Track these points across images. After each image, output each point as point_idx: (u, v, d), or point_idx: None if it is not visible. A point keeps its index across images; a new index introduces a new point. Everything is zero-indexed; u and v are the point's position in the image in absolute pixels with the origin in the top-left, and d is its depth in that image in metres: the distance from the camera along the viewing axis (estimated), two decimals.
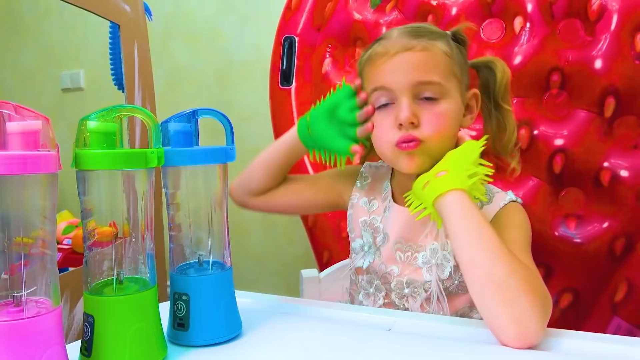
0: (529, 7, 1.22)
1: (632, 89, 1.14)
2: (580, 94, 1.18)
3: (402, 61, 0.73)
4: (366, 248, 0.84)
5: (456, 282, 0.77)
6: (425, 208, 0.72)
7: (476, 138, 0.75)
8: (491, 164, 0.72)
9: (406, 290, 0.79)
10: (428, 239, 0.79)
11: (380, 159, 0.82)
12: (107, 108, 0.53)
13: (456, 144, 0.77)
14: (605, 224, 1.16)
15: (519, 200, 0.80)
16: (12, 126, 0.47)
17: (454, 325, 0.68)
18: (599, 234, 1.16)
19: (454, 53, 0.76)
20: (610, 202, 1.16)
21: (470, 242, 0.65)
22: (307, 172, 1.37)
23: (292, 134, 0.85)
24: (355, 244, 0.87)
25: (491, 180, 0.71)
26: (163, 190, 0.63)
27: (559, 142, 1.18)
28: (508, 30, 1.25)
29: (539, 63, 1.20)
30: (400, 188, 0.84)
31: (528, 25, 1.22)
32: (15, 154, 0.46)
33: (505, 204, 0.77)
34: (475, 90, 0.81)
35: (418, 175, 0.74)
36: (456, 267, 0.76)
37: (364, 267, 0.84)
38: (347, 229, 0.89)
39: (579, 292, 1.19)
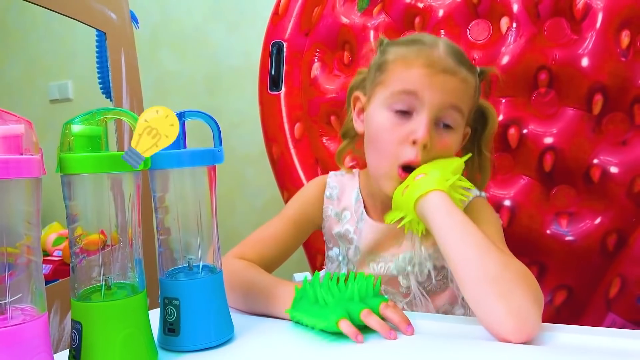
0: (515, 7, 1.22)
1: (619, 86, 1.14)
2: (568, 92, 1.19)
3: (445, 82, 0.72)
4: (341, 258, 0.85)
5: (434, 281, 0.77)
6: (404, 217, 0.72)
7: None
8: (469, 184, 0.73)
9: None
10: (402, 248, 0.79)
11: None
12: (92, 111, 0.53)
13: None
14: (597, 221, 1.16)
15: (484, 194, 0.80)
16: None
17: (448, 322, 0.67)
18: (591, 231, 1.16)
19: (478, 90, 0.79)
20: (601, 198, 1.16)
21: (459, 240, 0.65)
22: (299, 181, 1.36)
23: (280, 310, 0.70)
24: (332, 252, 0.87)
25: (470, 194, 0.71)
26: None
27: (548, 140, 1.18)
28: (495, 30, 1.26)
29: (526, 62, 1.20)
30: (371, 198, 0.84)
31: (514, 25, 1.23)
32: None
33: (471, 201, 0.77)
34: (469, 129, 0.81)
35: None
36: (434, 267, 0.77)
37: None
38: (324, 238, 0.88)
39: (573, 289, 1.19)
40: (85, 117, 0.52)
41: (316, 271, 0.70)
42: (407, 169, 0.73)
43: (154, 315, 0.60)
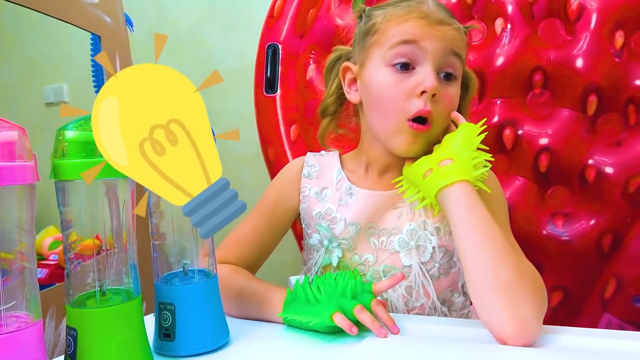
0: (509, 8, 1.23)
1: (613, 87, 1.15)
2: (563, 92, 1.19)
3: (442, 30, 0.72)
4: (326, 243, 0.80)
5: (437, 264, 0.75)
6: (424, 198, 0.71)
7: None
8: (488, 148, 0.70)
9: (383, 280, 0.75)
10: (403, 220, 0.76)
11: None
12: (86, 117, 0.53)
13: (447, 128, 0.75)
14: (592, 221, 1.16)
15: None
16: None
17: (448, 325, 0.68)
18: (587, 231, 1.16)
19: (466, 46, 0.77)
20: (597, 199, 1.16)
21: (477, 241, 0.64)
22: None
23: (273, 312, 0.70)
24: (312, 240, 0.82)
25: (490, 166, 0.70)
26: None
27: (543, 141, 1.19)
28: (489, 31, 1.26)
29: (521, 63, 1.21)
30: (361, 169, 0.82)
31: (509, 26, 1.23)
32: None
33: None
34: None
35: (406, 158, 0.74)
36: (438, 248, 0.75)
37: (334, 263, 0.79)
38: (302, 225, 0.84)
39: (569, 289, 1.19)
40: (79, 123, 0.52)
41: (306, 275, 0.70)
42: (419, 120, 0.71)
43: (150, 320, 0.60)
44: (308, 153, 0.88)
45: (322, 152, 0.88)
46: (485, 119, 0.75)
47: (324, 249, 0.81)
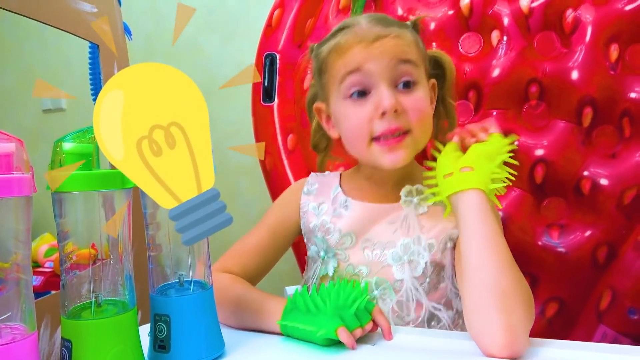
0: (506, 20, 1.24)
1: (608, 99, 1.15)
2: (559, 104, 1.20)
3: (380, 47, 0.72)
4: (322, 254, 0.82)
5: (428, 279, 0.76)
6: (438, 194, 0.72)
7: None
8: (518, 164, 0.70)
9: (375, 292, 0.77)
10: (398, 235, 0.77)
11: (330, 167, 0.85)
12: (83, 129, 0.53)
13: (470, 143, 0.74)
14: (588, 233, 1.17)
15: None
16: None
17: (440, 338, 0.68)
18: (582, 243, 1.17)
19: (419, 41, 0.77)
20: (592, 210, 1.17)
21: (483, 247, 0.64)
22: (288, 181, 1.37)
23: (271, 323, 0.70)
24: (310, 252, 0.85)
25: (509, 184, 0.70)
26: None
27: (539, 152, 1.19)
28: (486, 43, 1.27)
29: (517, 75, 1.22)
30: (359, 185, 0.83)
31: (505, 38, 1.24)
32: None
33: None
34: (434, 81, 0.81)
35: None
36: (430, 263, 0.76)
37: (330, 273, 0.81)
38: (305, 240, 0.87)
39: (565, 301, 1.19)
40: (77, 134, 0.53)
41: (304, 284, 0.70)
42: (389, 133, 0.72)
43: (145, 331, 0.60)
44: (311, 174, 0.90)
45: (327, 172, 0.90)
46: (516, 136, 0.75)
47: (320, 260, 0.82)
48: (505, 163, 0.70)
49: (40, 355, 0.49)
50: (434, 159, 0.75)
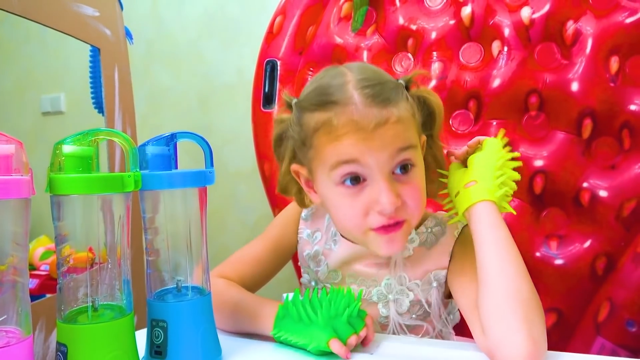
0: (507, 31, 1.24)
1: (608, 111, 1.16)
2: (558, 115, 1.20)
3: (381, 138, 0.64)
4: (313, 284, 0.83)
5: (413, 315, 0.76)
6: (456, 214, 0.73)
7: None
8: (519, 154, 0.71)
9: None
10: (382, 273, 0.77)
11: None
12: (83, 132, 0.53)
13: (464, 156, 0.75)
14: (587, 244, 1.17)
15: None
16: None
17: (438, 347, 0.67)
18: (581, 254, 1.16)
19: (414, 110, 0.70)
20: (591, 222, 1.17)
21: (498, 254, 0.65)
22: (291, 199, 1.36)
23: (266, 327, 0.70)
24: (303, 279, 0.85)
25: (519, 178, 0.71)
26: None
27: (539, 163, 1.19)
28: (486, 53, 1.27)
29: (517, 85, 1.22)
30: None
31: (506, 48, 1.24)
32: None
33: (460, 231, 0.76)
34: (424, 137, 0.75)
35: None
36: (414, 302, 0.76)
37: None
38: (299, 265, 0.87)
39: (563, 312, 1.19)
40: (77, 137, 0.52)
41: (296, 288, 0.69)
42: (389, 226, 0.68)
43: (141, 336, 0.59)
44: None
45: None
46: (503, 130, 0.75)
47: (311, 287, 0.83)
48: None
49: (35, 357, 0.49)
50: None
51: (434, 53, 1.30)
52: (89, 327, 0.52)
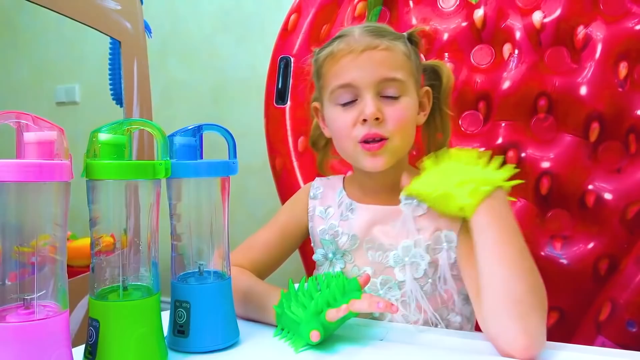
0: (518, 34, 1.26)
1: (615, 115, 1.18)
2: (566, 118, 1.22)
3: (368, 58, 0.76)
4: (330, 255, 0.85)
5: (430, 280, 0.78)
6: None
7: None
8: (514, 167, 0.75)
9: (380, 292, 0.79)
10: (399, 237, 0.79)
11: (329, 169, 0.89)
12: (119, 121, 0.56)
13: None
14: (590, 245, 1.19)
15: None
16: (29, 136, 0.49)
17: (449, 336, 0.70)
18: (584, 255, 1.19)
19: (411, 53, 0.80)
20: (595, 223, 1.19)
21: (490, 257, 0.68)
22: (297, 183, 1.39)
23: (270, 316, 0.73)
24: (316, 255, 0.87)
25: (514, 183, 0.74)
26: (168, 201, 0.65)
27: (545, 164, 1.22)
28: (497, 56, 1.30)
29: (526, 88, 1.24)
30: (360, 188, 0.86)
31: (516, 51, 1.27)
32: (31, 162, 0.48)
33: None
34: (428, 88, 0.84)
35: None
36: (430, 264, 0.78)
37: None
38: (312, 245, 0.90)
39: (565, 311, 1.21)
40: (112, 126, 0.55)
41: (290, 282, 0.71)
42: (370, 140, 0.76)
43: (164, 317, 0.62)
44: (316, 178, 0.93)
45: (330, 176, 0.93)
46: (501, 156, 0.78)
47: (327, 262, 0.85)
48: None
49: (70, 333, 0.52)
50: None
51: (446, 54, 1.32)
52: (119, 304, 0.55)
